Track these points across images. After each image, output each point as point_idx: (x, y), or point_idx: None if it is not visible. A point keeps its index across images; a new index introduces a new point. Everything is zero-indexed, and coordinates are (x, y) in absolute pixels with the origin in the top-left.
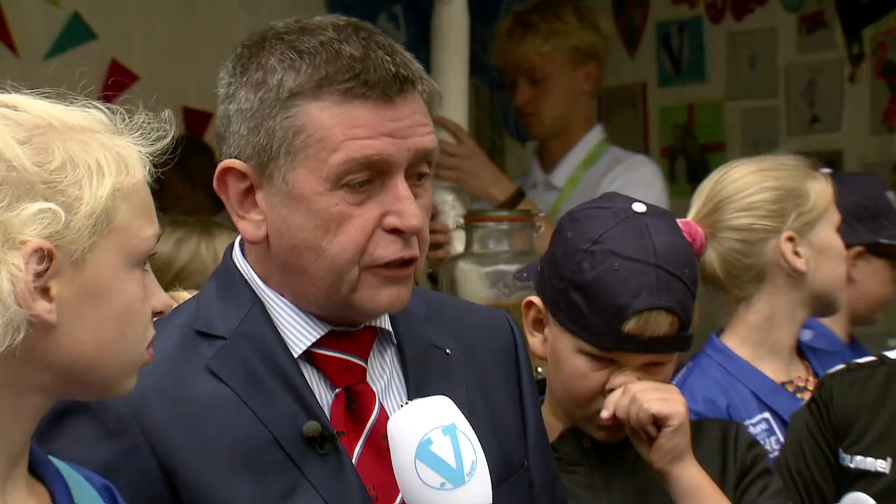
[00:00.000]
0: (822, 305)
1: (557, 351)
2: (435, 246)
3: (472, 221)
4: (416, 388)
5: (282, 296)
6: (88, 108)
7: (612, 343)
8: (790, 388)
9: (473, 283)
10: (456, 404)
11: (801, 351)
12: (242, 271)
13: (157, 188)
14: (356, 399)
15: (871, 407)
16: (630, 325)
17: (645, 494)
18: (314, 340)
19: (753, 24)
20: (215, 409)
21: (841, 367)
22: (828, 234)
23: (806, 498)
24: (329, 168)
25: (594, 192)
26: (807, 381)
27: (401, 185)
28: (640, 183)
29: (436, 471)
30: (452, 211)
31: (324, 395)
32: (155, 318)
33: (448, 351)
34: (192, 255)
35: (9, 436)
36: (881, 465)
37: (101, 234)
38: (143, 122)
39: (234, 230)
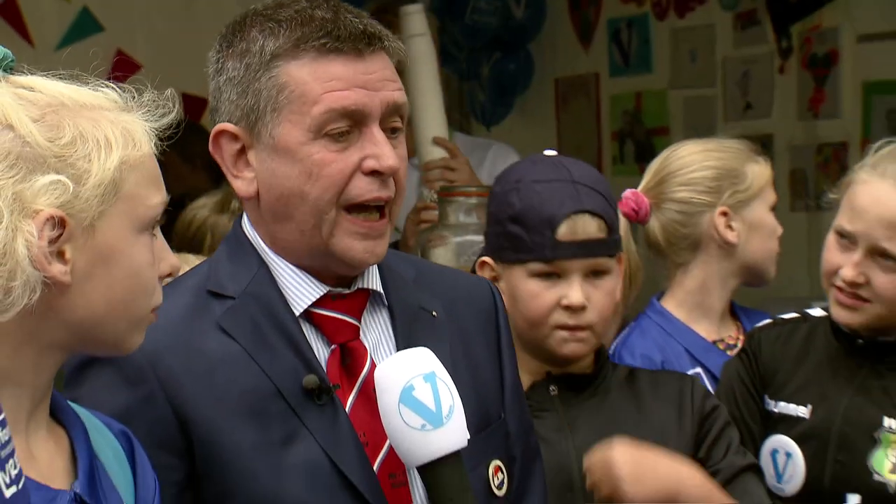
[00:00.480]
0: (752, 276)
1: (511, 288)
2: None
3: (444, 196)
4: (405, 346)
5: (284, 259)
6: (100, 87)
7: (551, 252)
8: (721, 346)
9: (445, 251)
10: (440, 361)
11: (735, 312)
12: (250, 237)
13: (162, 170)
14: (350, 355)
15: (794, 358)
16: (562, 231)
17: (606, 431)
18: (313, 301)
19: (694, 21)
20: (224, 363)
21: (769, 321)
22: (761, 212)
23: None
24: (311, 119)
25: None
26: (737, 339)
27: (377, 132)
28: (512, 154)
29: (417, 413)
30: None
31: (321, 351)
32: (165, 281)
33: (434, 313)
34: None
35: (30, 385)
36: (801, 411)
37: (109, 203)
38: (149, 100)
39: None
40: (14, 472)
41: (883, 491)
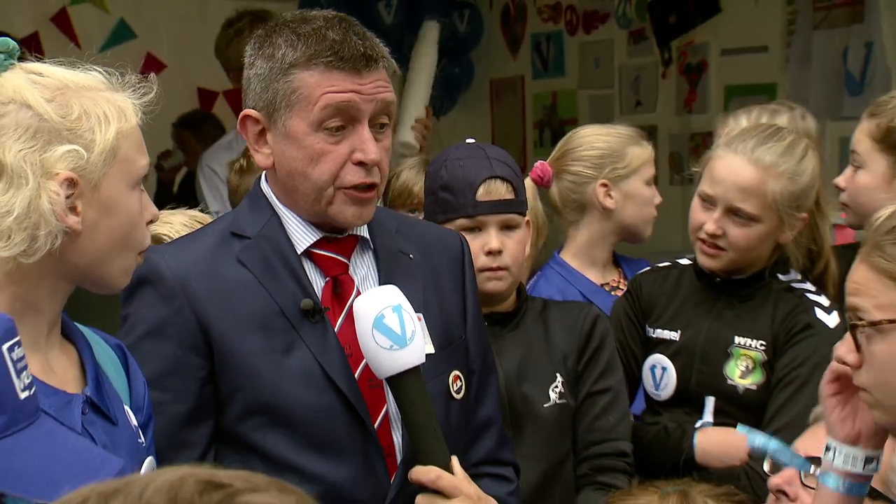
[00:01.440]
0: (629, 235)
1: None
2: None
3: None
4: (386, 281)
5: (291, 210)
6: (90, 71)
7: (473, 210)
8: (607, 288)
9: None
10: (414, 294)
11: (617, 261)
12: (265, 193)
13: (181, 149)
14: (340, 285)
15: (667, 295)
16: (480, 192)
17: (523, 357)
18: (312, 243)
19: (597, 36)
20: (240, 287)
21: (648, 268)
22: (637, 185)
23: (623, 359)
24: (313, 115)
25: None
26: (619, 282)
27: (365, 131)
28: None
29: (386, 336)
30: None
31: (317, 282)
32: (151, 226)
33: (411, 256)
34: None
35: (47, 312)
36: (673, 335)
37: (110, 166)
38: (133, 81)
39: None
40: (27, 381)
41: (734, 393)
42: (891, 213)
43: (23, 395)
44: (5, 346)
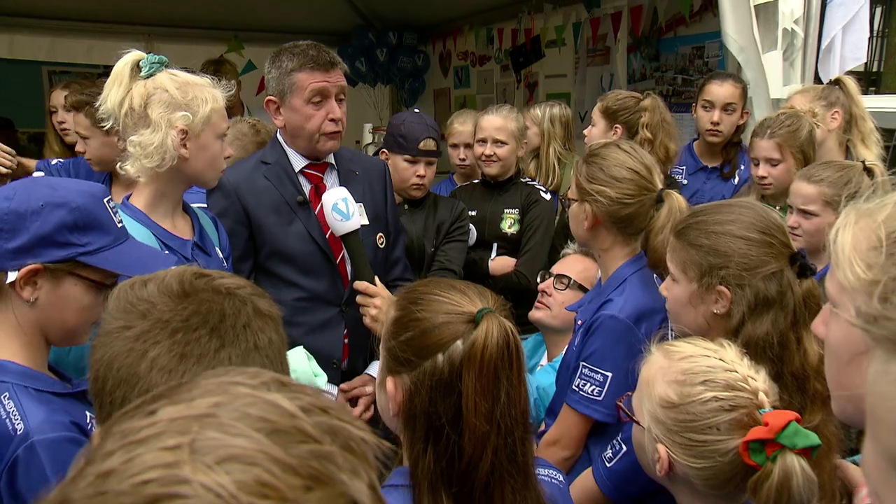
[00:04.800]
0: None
1: (394, 166)
2: None
3: (376, 130)
4: (341, 186)
5: (292, 149)
6: (204, 77)
7: (415, 153)
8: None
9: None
10: (358, 193)
11: None
12: (280, 141)
13: None
14: (318, 188)
15: (468, 194)
16: (422, 144)
17: (424, 224)
18: (303, 165)
19: (486, 67)
20: (265, 190)
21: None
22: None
23: None
24: (305, 96)
25: None
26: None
27: (334, 102)
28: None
29: (338, 214)
30: (370, 134)
31: (306, 187)
32: (226, 158)
33: (357, 173)
34: None
35: (172, 196)
36: (473, 213)
37: (205, 125)
38: (223, 84)
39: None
40: (119, 218)
41: (506, 237)
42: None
43: (119, 225)
44: (105, 199)
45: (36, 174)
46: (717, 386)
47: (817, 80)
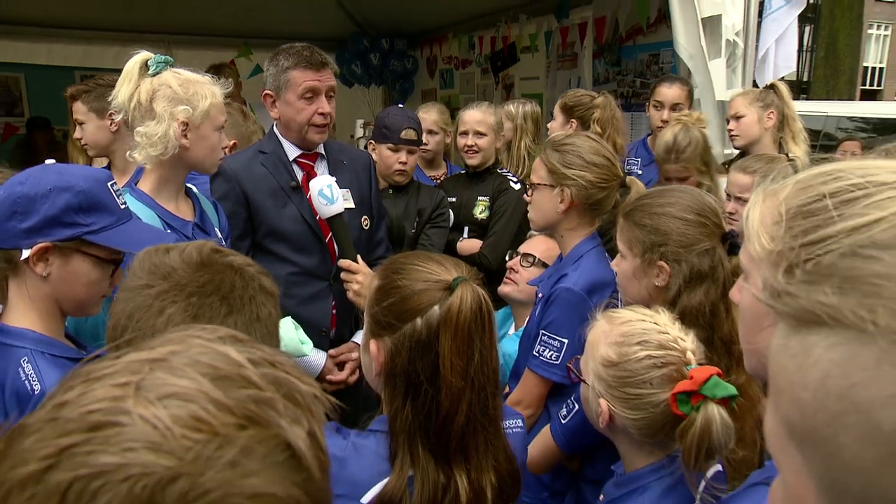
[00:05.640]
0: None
1: (378, 154)
2: None
3: (367, 125)
4: (330, 174)
5: (287, 140)
6: (206, 75)
7: (397, 142)
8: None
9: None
10: (346, 180)
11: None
12: (276, 132)
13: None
14: (311, 175)
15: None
16: (402, 134)
17: (405, 207)
18: (296, 155)
19: (468, 70)
20: (262, 177)
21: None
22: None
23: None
24: (298, 92)
25: None
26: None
27: (324, 99)
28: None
29: (324, 199)
30: (361, 129)
31: (299, 174)
32: (223, 148)
33: (345, 162)
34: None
35: (174, 181)
36: (453, 199)
37: (205, 118)
38: (223, 82)
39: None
40: (122, 199)
41: (477, 221)
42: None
43: (122, 206)
44: (109, 183)
45: (48, 162)
46: (650, 346)
47: (755, 84)
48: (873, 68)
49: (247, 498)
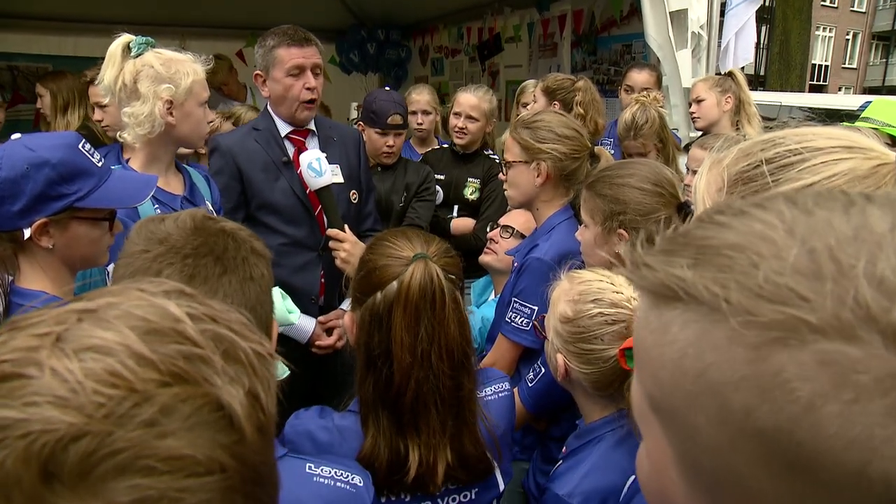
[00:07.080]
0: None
1: (368, 137)
2: None
3: (360, 108)
4: (322, 150)
5: (279, 117)
6: (187, 53)
7: (384, 127)
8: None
9: None
10: (336, 156)
11: None
12: (269, 110)
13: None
14: (302, 151)
15: (437, 159)
16: (389, 119)
17: (393, 183)
18: (288, 131)
19: (457, 59)
20: (255, 152)
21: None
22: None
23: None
24: (285, 69)
25: None
26: None
27: (310, 74)
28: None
29: (313, 172)
30: (355, 111)
31: (290, 149)
32: (209, 123)
33: (335, 139)
34: None
35: (164, 158)
36: (441, 177)
37: (188, 95)
38: (203, 59)
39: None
40: (98, 157)
41: (468, 201)
42: None
43: (99, 164)
44: (80, 144)
45: (14, 137)
46: (603, 304)
47: (718, 73)
48: (820, 65)
49: (160, 460)
